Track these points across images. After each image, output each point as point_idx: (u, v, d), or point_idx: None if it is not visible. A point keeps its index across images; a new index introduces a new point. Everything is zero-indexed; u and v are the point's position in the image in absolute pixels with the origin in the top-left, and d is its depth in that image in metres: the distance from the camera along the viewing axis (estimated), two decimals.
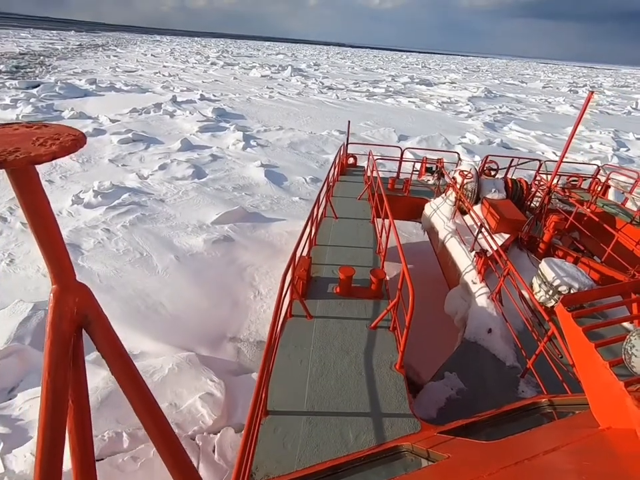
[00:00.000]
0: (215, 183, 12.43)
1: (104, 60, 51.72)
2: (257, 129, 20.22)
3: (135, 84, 31.79)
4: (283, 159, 15.74)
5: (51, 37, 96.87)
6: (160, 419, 1.08)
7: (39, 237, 0.85)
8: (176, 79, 38.04)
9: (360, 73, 64.02)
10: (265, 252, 8.39)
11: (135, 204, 10.02)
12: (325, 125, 22.64)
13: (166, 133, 18.63)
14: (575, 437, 1.57)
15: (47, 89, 25.34)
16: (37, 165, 0.75)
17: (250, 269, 7.81)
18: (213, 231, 8.94)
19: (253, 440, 2.66)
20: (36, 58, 47.62)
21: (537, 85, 66.02)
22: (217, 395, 4.74)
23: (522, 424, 2.69)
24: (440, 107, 32.61)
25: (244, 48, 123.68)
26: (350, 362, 3.60)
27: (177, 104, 25.28)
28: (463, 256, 6.12)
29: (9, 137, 0.79)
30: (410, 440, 2.71)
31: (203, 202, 10.56)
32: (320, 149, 17.68)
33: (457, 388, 3.88)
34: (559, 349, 3.97)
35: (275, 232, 9.26)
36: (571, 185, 10.29)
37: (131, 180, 12.06)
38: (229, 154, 15.93)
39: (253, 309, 6.75)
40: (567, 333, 1.81)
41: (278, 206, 10.90)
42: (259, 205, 10.77)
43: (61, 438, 0.90)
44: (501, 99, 41.92)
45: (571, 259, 6.09)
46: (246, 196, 11.34)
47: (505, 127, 25.91)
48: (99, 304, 1.01)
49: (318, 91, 36.90)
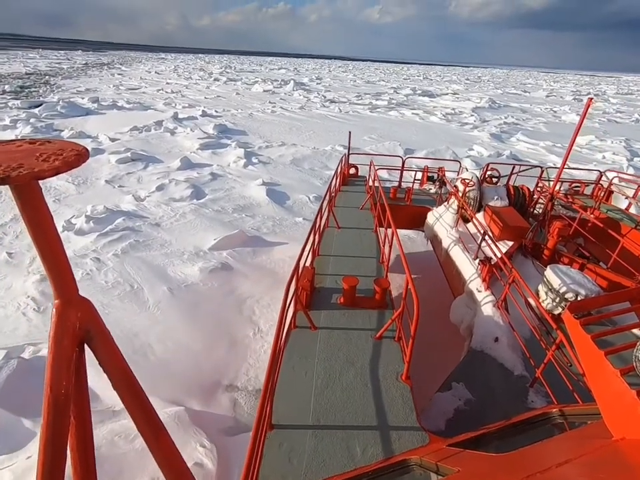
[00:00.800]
0: (214, 203, 11.89)
1: (108, 78, 52.27)
2: (258, 145, 19.81)
3: (137, 101, 31.78)
4: (286, 177, 15.23)
5: (58, 56, 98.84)
6: (163, 437, 1.05)
7: (41, 251, 0.86)
8: (178, 95, 38.12)
9: (362, 85, 64.23)
10: (265, 281, 7.74)
11: (129, 229, 9.47)
12: (328, 139, 22.21)
13: (166, 151, 18.26)
14: (588, 449, 1.51)
15: (48, 108, 25.27)
16: (40, 180, 0.75)
17: (250, 300, 7.16)
18: (211, 258, 8.33)
19: (258, 455, 2.59)
20: (41, 77, 48.19)
21: (541, 94, 65.77)
22: (207, 466, 4.05)
23: (532, 435, 2.65)
24: (444, 118, 32.20)
25: (247, 64, 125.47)
26: (355, 373, 3.54)
27: (178, 121, 25.06)
28: (467, 264, 6.05)
29: (13, 153, 0.80)
30: (418, 453, 2.65)
31: (201, 225, 9.99)
32: (323, 165, 17.18)
33: (464, 398, 3.79)
34: (568, 357, 3.88)
35: (276, 258, 8.64)
36: (574, 191, 10.22)
37: (127, 202, 11.55)
38: (229, 172, 15.45)
39: (252, 349, 6.08)
40: (575, 340, 1.77)
41: (280, 228, 10.30)
42: (260, 228, 10.17)
43: (62, 454, 0.89)
44: (506, 109, 41.52)
45: (577, 265, 6.02)
46: (246, 217, 10.76)
47: (512, 138, 25.34)
48: (101, 319, 0.99)
49: (320, 104, 36.73)
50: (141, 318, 6.46)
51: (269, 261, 8.47)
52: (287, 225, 10.46)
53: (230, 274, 7.85)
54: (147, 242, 8.96)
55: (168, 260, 8.21)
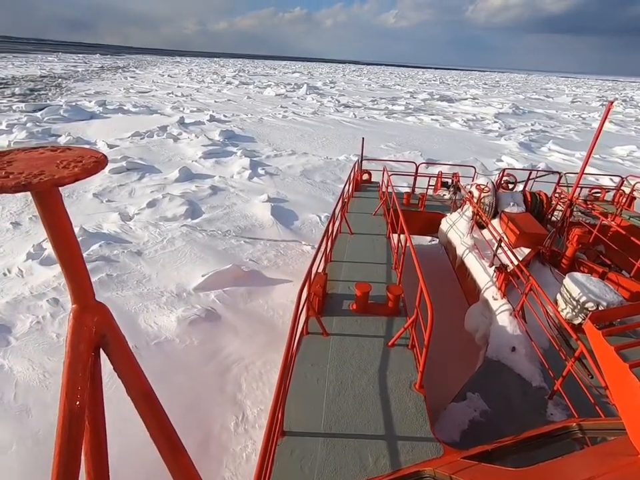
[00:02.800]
0: (211, 224, 10.32)
1: (120, 81, 51.79)
2: (266, 154, 18.26)
3: (144, 105, 30.73)
4: (294, 191, 13.61)
5: (76, 60, 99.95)
6: (175, 443, 1.03)
7: (60, 257, 0.87)
8: (188, 99, 37.06)
9: (377, 89, 62.50)
10: (259, 337, 6.09)
11: (104, 259, 7.95)
12: (342, 147, 20.56)
13: (166, 159, 16.87)
14: (613, 466, 1.48)
15: (51, 112, 24.29)
16: (60, 187, 0.77)
17: (236, 368, 5.51)
18: (195, 303, 6.72)
19: (270, 461, 2.59)
20: (54, 80, 47.94)
21: (564, 99, 62.94)
22: None
23: (551, 450, 2.51)
24: (466, 124, 30.23)
25: (261, 67, 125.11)
26: (368, 381, 3.49)
27: (184, 126, 23.77)
28: (482, 271, 5.97)
29: (35, 160, 0.82)
30: (432, 465, 2.57)
31: (190, 255, 8.41)
32: (336, 177, 15.51)
33: (480, 409, 3.67)
34: (589, 369, 3.70)
35: (276, 302, 6.98)
36: (594, 197, 9.97)
37: (111, 222, 10.08)
38: (232, 185, 13.92)
39: (231, 452, 4.38)
40: (597, 352, 1.74)
41: (284, 259, 8.64)
42: (260, 259, 8.53)
43: (77, 459, 0.89)
44: (530, 115, 39.22)
45: (597, 274, 5.81)
46: (245, 244, 9.14)
47: (543, 148, 23.26)
48: (117, 324, 0.99)
49: (334, 109, 35.15)
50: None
51: (267, 307, 6.81)
52: (293, 256, 8.80)
53: (215, 327, 6.21)
54: (121, 277, 7.40)
55: (142, 304, 6.63)
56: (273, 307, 6.82)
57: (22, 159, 0.82)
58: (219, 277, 7.34)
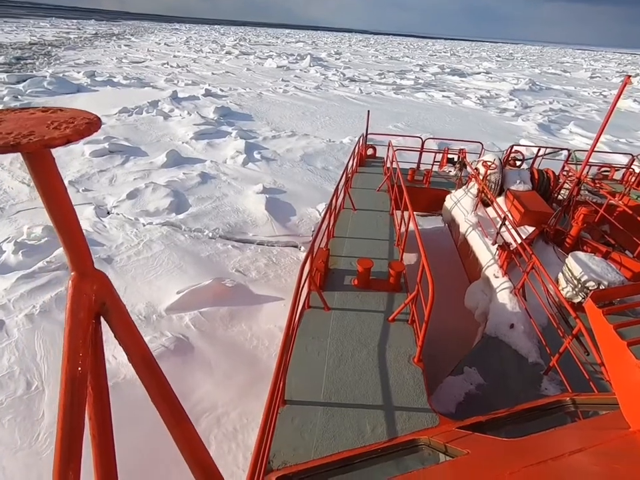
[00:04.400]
0: (196, 221, 9.15)
1: (114, 50, 49.14)
2: (263, 135, 16.77)
3: (136, 77, 28.79)
4: (293, 180, 12.30)
5: (69, 26, 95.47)
6: (177, 408, 1.02)
7: (55, 222, 0.84)
8: (184, 70, 34.88)
9: (384, 62, 59.29)
10: (238, 377, 5.05)
11: (66, 268, 6.85)
12: (346, 128, 18.99)
13: (154, 140, 15.48)
14: (604, 438, 1.50)
15: (34, 84, 22.61)
16: (51, 148, 0.74)
17: (206, 420, 4.48)
18: (165, 328, 5.66)
19: (271, 428, 2.62)
20: (43, 48, 45.42)
21: (583, 74, 59.54)
22: None
23: (544, 422, 2.58)
24: (480, 102, 28.23)
25: (263, 36, 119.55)
26: (367, 354, 3.54)
27: (177, 101, 22.10)
28: (484, 249, 5.98)
29: (25, 120, 0.78)
30: (427, 434, 2.63)
31: (168, 263, 7.28)
32: (340, 163, 14.11)
33: (476, 383, 3.73)
34: (586, 347, 3.67)
35: (262, 328, 5.90)
36: (602, 176, 9.75)
37: (84, 219, 8.86)
38: (224, 171, 12.61)
39: None
40: (596, 330, 1.75)
41: (276, 269, 7.48)
42: (248, 269, 7.38)
43: (80, 425, 0.88)
44: (548, 93, 36.83)
45: (600, 253, 5.75)
46: (233, 250, 7.96)
47: (563, 130, 21.52)
48: (116, 292, 0.96)
49: (339, 83, 33.00)
50: (17, 463, 3.88)
51: (250, 335, 5.74)
52: (287, 265, 7.62)
53: (186, 362, 5.16)
54: None
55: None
56: (257, 335, 5.74)
57: (11, 119, 0.78)
58: (197, 295, 6.24)
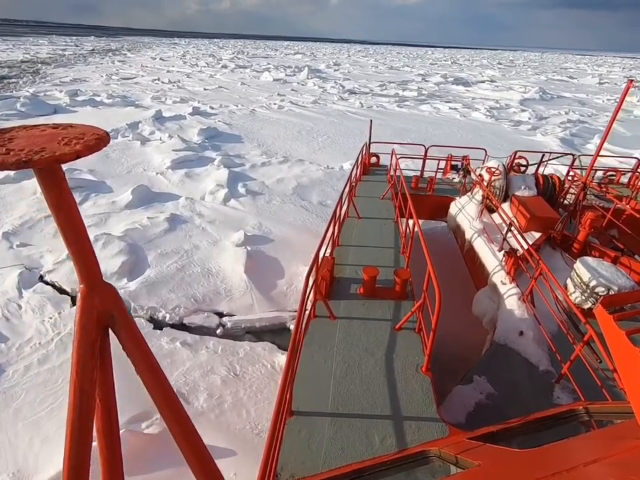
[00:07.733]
0: (151, 294, 6.91)
1: (106, 66, 47.63)
2: (252, 162, 14.61)
3: (122, 95, 26.91)
4: (283, 221, 10.09)
5: (67, 42, 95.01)
6: (183, 420, 1.03)
7: (65, 235, 0.85)
8: (174, 86, 33.08)
9: (385, 72, 57.63)
10: None
11: None
12: (346, 149, 16.84)
13: (125, 171, 13.37)
14: (619, 449, 1.44)
15: (6, 106, 20.72)
16: (62, 163, 0.76)
17: None
18: None
19: (278, 440, 2.58)
20: (34, 65, 44.00)
21: (590, 80, 57.61)
22: None
23: (557, 432, 2.54)
24: (489, 114, 26.13)
25: (261, 48, 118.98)
26: (375, 363, 3.49)
27: (160, 121, 20.09)
28: (490, 256, 5.92)
29: (36, 137, 0.80)
30: (438, 445, 2.56)
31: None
32: (339, 195, 11.91)
33: (486, 392, 3.65)
34: (598, 354, 3.61)
35: None
36: (608, 180, 9.83)
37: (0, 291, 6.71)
38: (200, 212, 10.42)
39: None
40: (608, 336, 1.71)
41: (237, 389, 5.08)
42: (195, 388, 5.01)
43: (89, 436, 0.88)
44: (560, 101, 34.77)
45: (609, 258, 5.64)
46: (182, 350, 5.58)
47: (589, 145, 19.36)
48: (124, 304, 0.98)
49: (338, 97, 31.06)
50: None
51: None
52: (254, 380, 5.10)
53: None
54: None
55: None
56: None
57: (23, 136, 0.81)
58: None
